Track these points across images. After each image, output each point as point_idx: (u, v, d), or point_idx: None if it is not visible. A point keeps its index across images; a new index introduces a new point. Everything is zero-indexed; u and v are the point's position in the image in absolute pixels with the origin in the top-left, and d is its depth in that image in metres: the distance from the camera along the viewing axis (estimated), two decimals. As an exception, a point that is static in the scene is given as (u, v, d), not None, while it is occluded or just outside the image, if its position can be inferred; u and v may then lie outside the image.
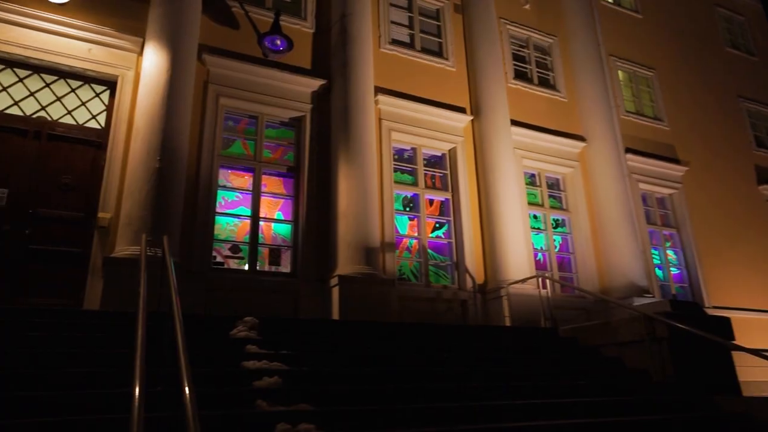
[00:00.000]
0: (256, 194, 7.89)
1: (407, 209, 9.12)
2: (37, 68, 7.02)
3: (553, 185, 10.67)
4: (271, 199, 8.14)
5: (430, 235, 9.11)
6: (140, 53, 7.41)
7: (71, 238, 6.61)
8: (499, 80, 10.03)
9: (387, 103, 9.07)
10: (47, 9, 6.93)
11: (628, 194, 10.55)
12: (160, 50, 7.11)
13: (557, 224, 10.43)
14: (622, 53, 12.68)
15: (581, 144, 10.85)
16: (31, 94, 6.94)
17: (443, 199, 9.40)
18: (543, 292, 8.04)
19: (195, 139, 7.42)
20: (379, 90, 8.96)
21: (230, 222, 7.77)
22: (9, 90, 6.82)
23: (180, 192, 6.78)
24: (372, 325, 6.11)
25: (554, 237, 10.19)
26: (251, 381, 3.82)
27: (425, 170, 9.37)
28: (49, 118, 6.92)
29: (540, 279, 8.19)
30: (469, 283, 8.73)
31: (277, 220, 8.07)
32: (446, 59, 10.16)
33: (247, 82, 8.11)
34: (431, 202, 9.36)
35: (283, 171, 8.27)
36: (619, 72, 12.58)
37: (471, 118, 9.82)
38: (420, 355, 5.21)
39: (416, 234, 8.98)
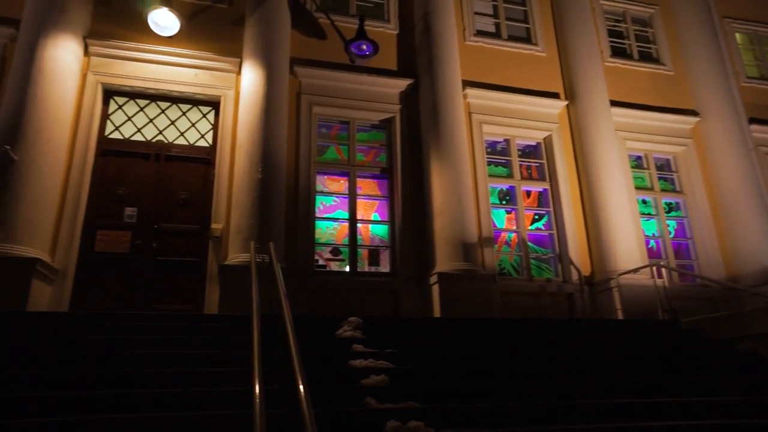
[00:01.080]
0: (352, 197, 8.11)
1: (503, 202, 8.89)
2: (154, 97, 7.75)
3: (663, 166, 9.85)
4: (367, 201, 8.32)
5: (530, 227, 8.81)
6: (238, 72, 7.92)
7: (190, 249, 7.21)
8: (595, 60, 9.46)
9: (476, 96, 8.91)
10: (159, 42, 7.63)
11: (756, 169, 9.47)
12: (255, 68, 7.56)
13: (670, 208, 9.62)
14: (739, 13, 11.40)
15: (693, 119, 9.91)
16: (150, 120, 7.68)
17: (541, 190, 9.04)
18: (658, 281, 7.47)
19: (292, 148, 7.78)
20: (467, 83, 8.82)
21: (329, 226, 8.05)
22: (133, 119, 7.60)
23: (281, 200, 7.15)
24: (474, 321, 6.02)
25: (668, 222, 9.40)
26: (359, 379, 3.92)
27: (520, 161, 9.07)
28: (166, 141, 7.62)
29: (654, 268, 7.61)
30: (574, 276, 8.31)
31: (373, 221, 8.23)
32: (535, 44, 9.77)
33: (336, 89, 8.37)
34: (528, 193, 9.04)
35: (377, 173, 8.42)
36: (737, 35, 11.32)
37: (566, 103, 9.36)
38: (526, 351, 5.04)
39: (515, 227, 8.72)
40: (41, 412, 3.10)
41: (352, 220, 8.01)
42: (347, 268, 7.84)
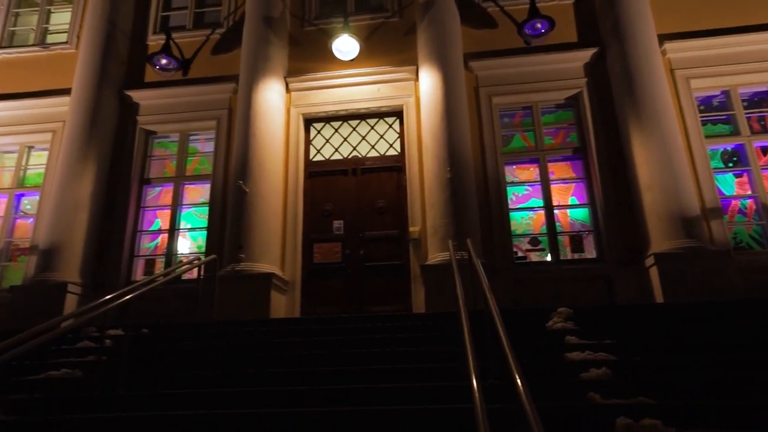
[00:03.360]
0: (545, 183, 7.75)
1: (730, 165, 7.56)
2: (345, 117, 8.49)
3: None
4: (562, 185, 7.86)
5: (770, 190, 7.31)
6: (416, 79, 8.21)
7: (393, 253, 7.68)
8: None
9: (677, 49, 7.77)
10: (343, 67, 8.35)
11: None
12: (431, 71, 7.75)
13: None
14: None
15: None
16: (345, 139, 8.42)
17: (781, 143, 7.46)
18: None
19: (477, 143, 7.76)
20: (664, 38, 7.75)
21: (524, 216, 7.81)
22: (330, 140, 8.43)
23: (473, 196, 7.17)
24: (705, 304, 5.22)
25: None
26: (576, 373, 3.70)
27: (747, 113, 7.62)
28: (360, 155, 8.26)
29: None
30: None
31: (571, 205, 7.74)
32: (750, -29, 8.12)
33: (514, 75, 8.10)
34: (765, 150, 7.54)
35: (569, 154, 7.90)
36: None
37: (804, 31, 7.57)
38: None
39: (749, 192, 7.35)
40: (289, 403, 3.59)
41: (548, 207, 7.64)
42: (549, 258, 7.49)
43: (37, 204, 8.47)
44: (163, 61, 8.04)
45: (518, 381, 2.05)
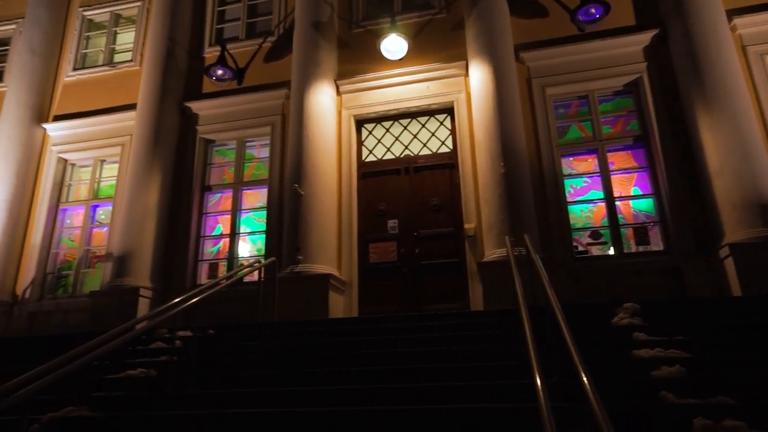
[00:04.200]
0: (604, 174, 7.45)
1: (812, 146, 6.99)
2: (395, 116, 8.51)
3: None
4: (623, 175, 7.53)
5: None
6: (466, 74, 8.11)
7: (448, 251, 7.62)
8: None
9: (750, 23, 7.28)
10: (392, 66, 8.37)
11: None
12: (481, 65, 7.63)
13: None
14: None
15: None
16: (396, 138, 8.44)
17: None
18: None
19: (531, 135, 7.58)
20: (732, 13, 7.28)
21: (584, 209, 7.54)
22: (382, 140, 8.48)
23: (528, 190, 7.01)
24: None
25: None
26: (647, 371, 3.54)
27: (830, 89, 7.02)
28: (412, 154, 8.25)
29: None
30: None
31: (634, 196, 7.40)
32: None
33: (568, 63, 7.85)
34: None
35: (630, 143, 7.57)
36: None
37: None
38: None
39: (835, 175, 6.77)
40: (352, 402, 3.63)
41: (609, 199, 7.35)
42: (611, 251, 7.20)
43: (110, 214, 9.01)
44: (219, 72, 8.36)
45: (584, 379, 1.98)
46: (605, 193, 7.39)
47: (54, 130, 9.68)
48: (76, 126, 9.59)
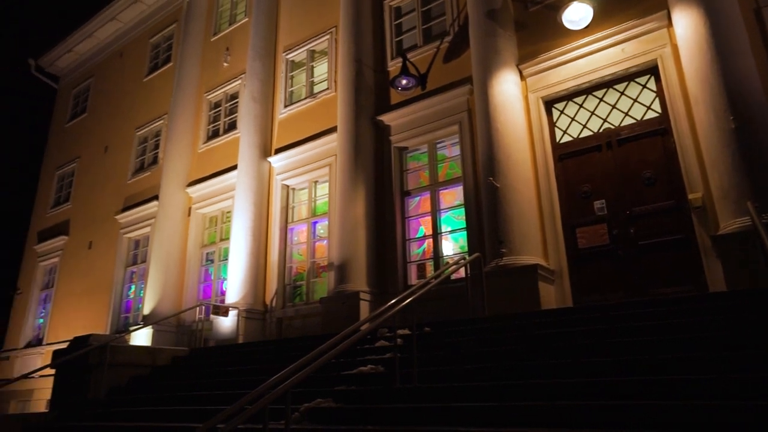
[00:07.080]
0: None
1: None
2: (587, 90, 7.85)
3: None
4: None
5: None
6: (669, 25, 7.09)
7: (670, 227, 6.73)
8: None
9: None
10: (577, 37, 7.76)
11: None
12: (689, 8, 6.57)
13: None
14: None
15: None
16: (592, 113, 7.78)
17: None
18: None
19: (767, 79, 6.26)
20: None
21: None
22: (576, 118, 7.91)
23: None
24: None
25: None
26: None
27: None
28: (613, 127, 7.52)
29: None
30: None
31: None
32: None
33: (809, -21, 6.31)
34: None
35: None
36: None
37: None
38: None
39: None
40: (584, 396, 3.44)
41: None
42: None
43: (327, 228, 10.13)
44: (404, 82, 8.77)
45: None
46: None
47: (276, 161, 11.28)
48: (292, 155, 11.01)
